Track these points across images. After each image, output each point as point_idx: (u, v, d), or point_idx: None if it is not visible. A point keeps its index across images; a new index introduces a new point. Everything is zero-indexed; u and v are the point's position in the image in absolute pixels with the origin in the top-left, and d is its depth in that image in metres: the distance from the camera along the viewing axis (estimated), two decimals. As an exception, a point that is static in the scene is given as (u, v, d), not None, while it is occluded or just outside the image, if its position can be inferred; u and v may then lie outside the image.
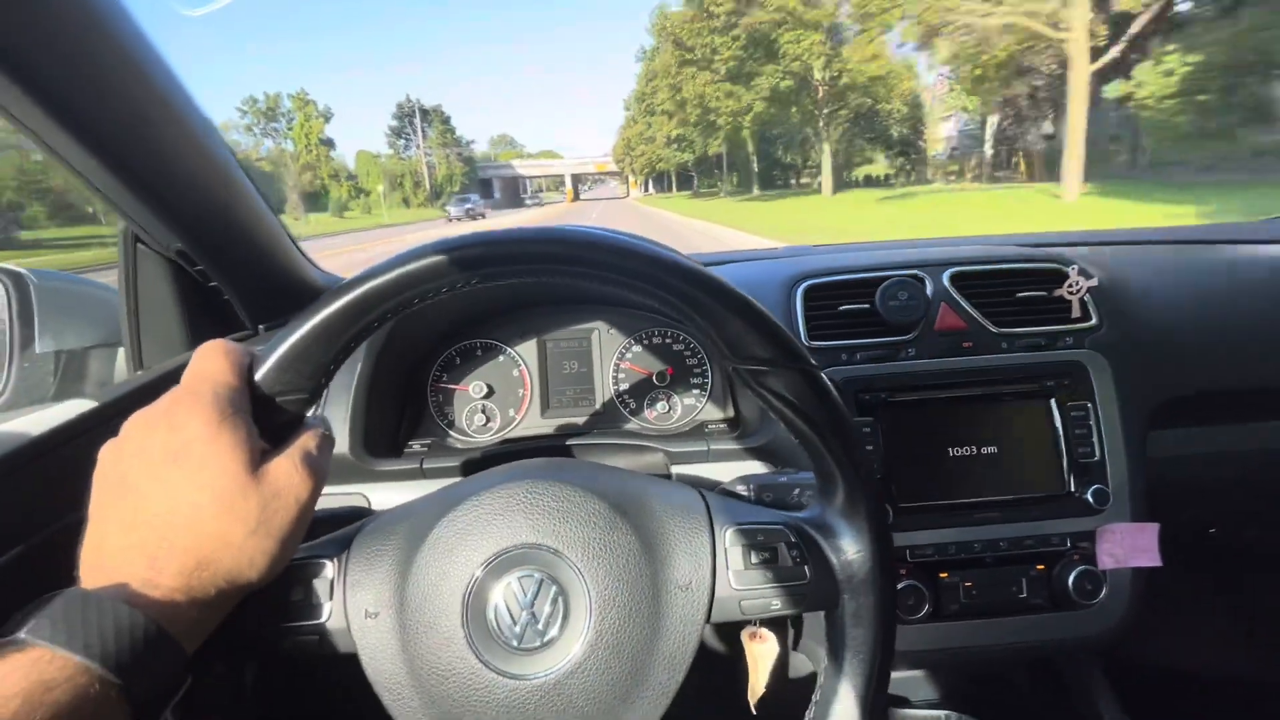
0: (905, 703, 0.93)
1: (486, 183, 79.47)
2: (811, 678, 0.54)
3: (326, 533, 0.50)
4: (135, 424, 0.38)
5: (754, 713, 0.62)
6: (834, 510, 0.48)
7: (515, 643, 0.43)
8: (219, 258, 0.79)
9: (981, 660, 0.79)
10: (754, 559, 0.47)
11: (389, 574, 0.45)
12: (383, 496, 0.81)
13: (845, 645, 0.46)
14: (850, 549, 0.47)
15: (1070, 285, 0.81)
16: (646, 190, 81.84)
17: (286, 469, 0.39)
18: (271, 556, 0.39)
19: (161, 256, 0.79)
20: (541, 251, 0.42)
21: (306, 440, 0.42)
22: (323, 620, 0.44)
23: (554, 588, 0.44)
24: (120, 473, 0.37)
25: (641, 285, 0.43)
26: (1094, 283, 0.81)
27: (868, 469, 0.47)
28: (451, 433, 0.94)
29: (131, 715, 0.32)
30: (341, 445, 0.79)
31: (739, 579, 0.47)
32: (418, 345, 0.93)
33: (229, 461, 0.37)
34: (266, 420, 0.41)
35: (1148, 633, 0.78)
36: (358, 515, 0.53)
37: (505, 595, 0.44)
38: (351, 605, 0.44)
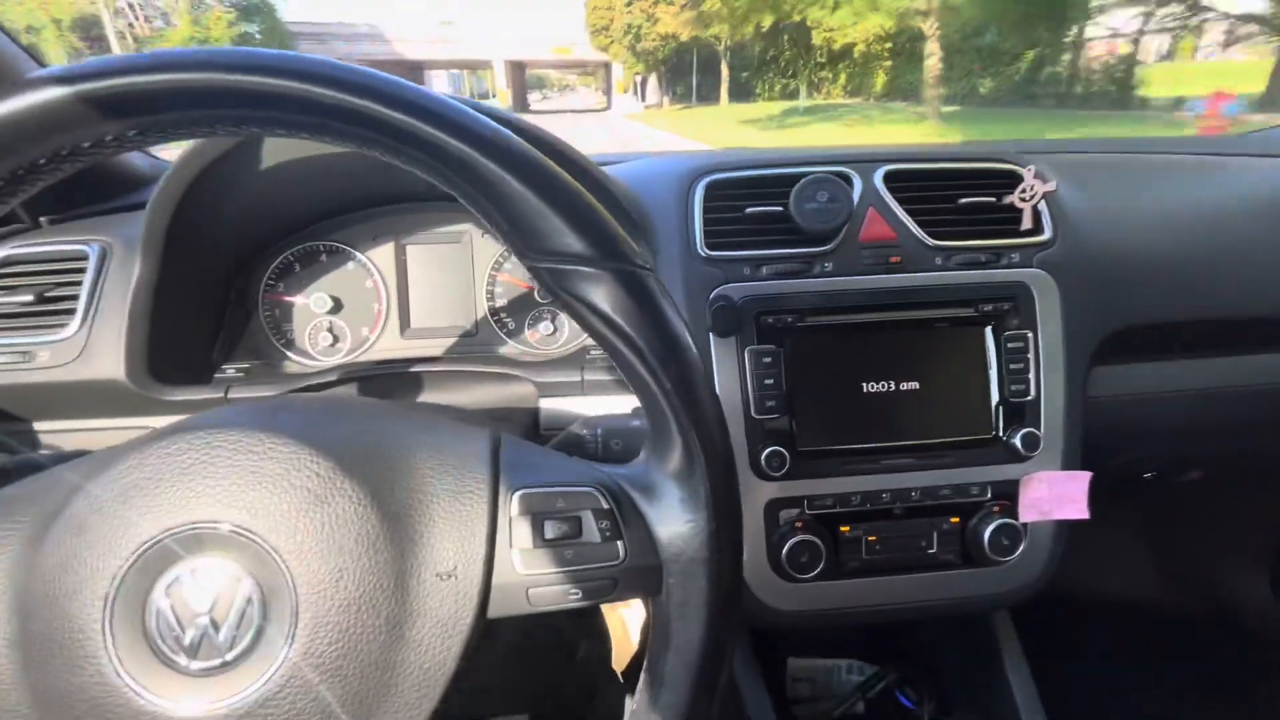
0: (803, 652, 0.86)
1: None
2: None
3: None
4: None
5: (621, 680, 0.51)
6: (664, 466, 0.35)
7: (184, 660, 0.30)
8: None
9: (882, 620, 0.70)
10: (549, 533, 0.34)
11: (6, 568, 0.31)
12: None
13: (668, 646, 0.35)
14: (679, 519, 0.35)
15: (1024, 190, 0.68)
16: (643, 97, 41.88)
17: None
18: None
19: None
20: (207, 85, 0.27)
21: None
22: None
23: (245, 584, 0.31)
24: None
25: (383, 140, 0.28)
26: (1051, 187, 0.67)
27: (711, 412, 0.34)
28: (290, 354, 0.78)
29: None
30: (115, 368, 0.63)
31: (526, 561, 0.34)
32: (241, 245, 0.76)
33: None
34: None
35: (1060, 579, 0.71)
36: None
37: (171, 595, 0.31)
38: None
